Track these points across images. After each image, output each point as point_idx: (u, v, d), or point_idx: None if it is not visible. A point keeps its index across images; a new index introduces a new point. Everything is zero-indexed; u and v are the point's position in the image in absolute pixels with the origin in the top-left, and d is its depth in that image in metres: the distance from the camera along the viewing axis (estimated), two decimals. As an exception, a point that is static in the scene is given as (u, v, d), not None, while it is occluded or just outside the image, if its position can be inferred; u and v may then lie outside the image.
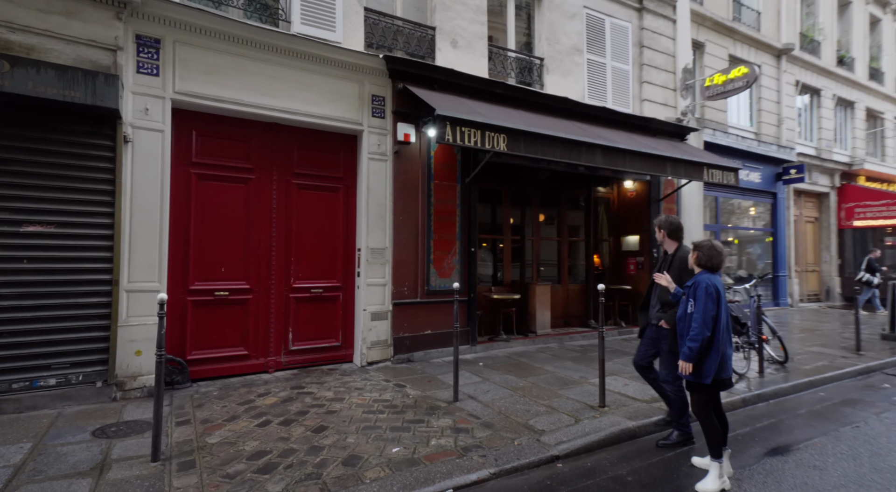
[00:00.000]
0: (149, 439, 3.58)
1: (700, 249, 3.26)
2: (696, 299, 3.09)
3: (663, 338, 3.75)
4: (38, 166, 4.26)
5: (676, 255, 3.83)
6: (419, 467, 3.18)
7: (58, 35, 4.31)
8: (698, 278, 3.18)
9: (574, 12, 8.18)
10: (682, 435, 3.68)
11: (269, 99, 5.48)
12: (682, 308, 3.24)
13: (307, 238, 5.93)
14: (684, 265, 3.67)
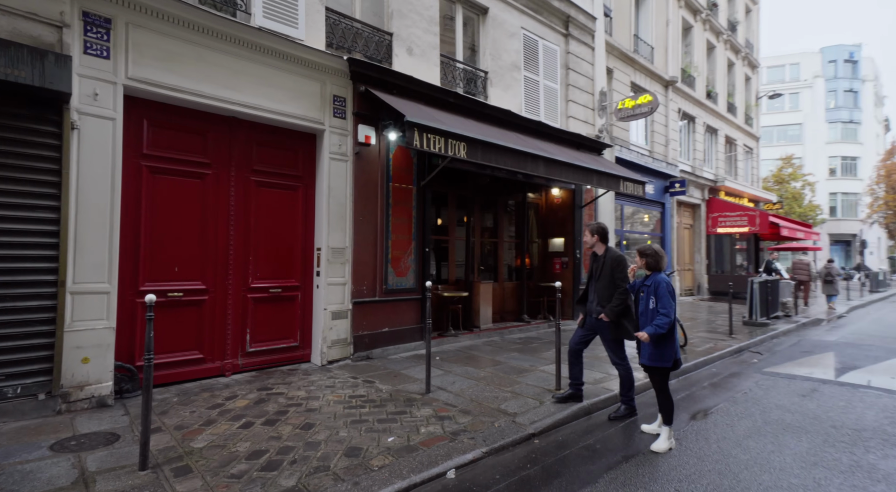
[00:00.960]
0: (122, 450, 3.43)
1: (647, 256, 3.83)
2: (658, 296, 3.64)
3: (604, 328, 4.34)
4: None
5: (607, 256, 4.41)
6: (419, 453, 3.47)
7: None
8: (657, 279, 3.74)
9: (513, 32, 8.88)
10: (627, 409, 4.37)
11: (231, 92, 5.28)
12: (643, 304, 3.76)
13: (266, 237, 5.80)
14: (616, 264, 4.30)
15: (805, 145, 45.79)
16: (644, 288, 3.78)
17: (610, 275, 4.28)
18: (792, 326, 9.84)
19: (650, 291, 3.70)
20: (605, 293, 4.29)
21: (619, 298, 4.19)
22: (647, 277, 3.80)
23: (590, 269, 4.59)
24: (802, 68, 47.55)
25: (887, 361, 6.48)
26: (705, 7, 17.29)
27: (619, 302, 4.19)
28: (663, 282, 3.69)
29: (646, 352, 3.72)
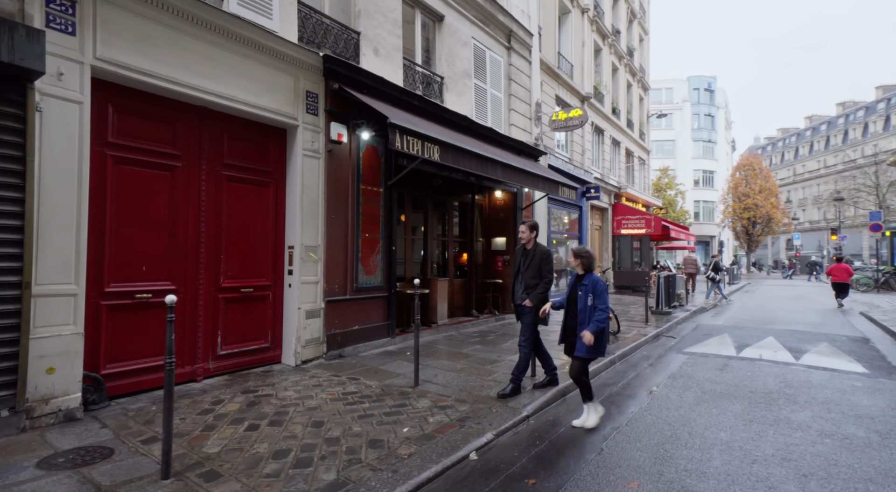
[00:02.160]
0: (125, 462, 3.26)
1: (583, 257, 4.14)
2: (596, 294, 3.97)
3: (526, 313, 4.81)
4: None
5: (537, 250, 4.87)
6: (437, 439, 3.74)
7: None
8: (593, 278, 4.06)
9: (465, 41, 9.32)
10: (514, 388, 4.70)
11: (205, 81, 4.99)
12: (581, 302, 4.05)
13: (237, 234, 5.55)
14: (544, 258, 4.81)
15: (677, 159, 52.72)
16: (581, 287, 4.07)
17: (538, 266, 4.79)
18: (687, 313, 11.62)
19: (587, 290, 4.00)
20: (532, 282, 4.79)
21: (544, 287, 4.74)
22: (584, 277, 4.11)
23: (517, 262, 5.02)
24: (675, 93, 54.67)
25: (765, 339, 8.10)
26: (611, 33, 19.37)
27: (543, 290, 4.72)
28: (600, 281, 4.04)
29: (583, 345, 3.96)
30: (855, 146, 52.81)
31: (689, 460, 3.33)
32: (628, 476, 3.11)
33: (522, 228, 4.99)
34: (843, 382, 5.36)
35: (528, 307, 4.75)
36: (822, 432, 3.81)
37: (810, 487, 2.91)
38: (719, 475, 3.08)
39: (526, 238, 4.96)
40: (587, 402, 4.12)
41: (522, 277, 4.87)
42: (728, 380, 5.48)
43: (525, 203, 10.79)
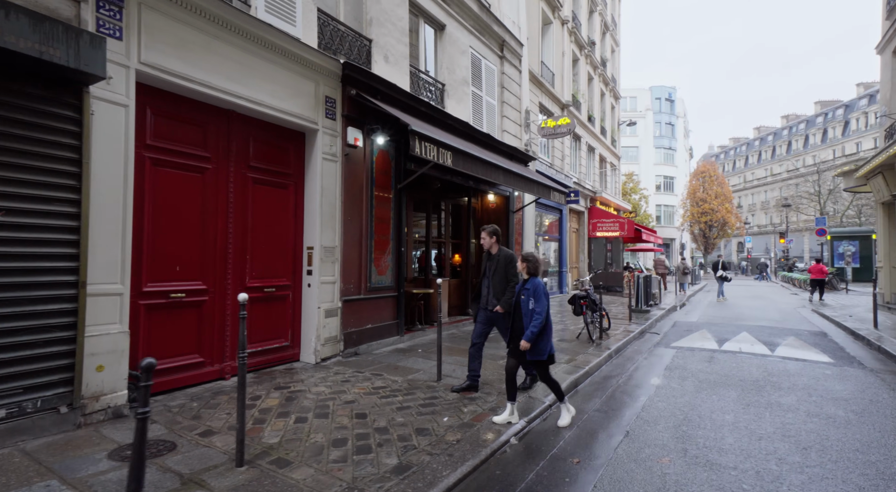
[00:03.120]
0: (193, 453, 3.43)
1: (529, 261, 4.20)
2: (536, 298, 3.99)
3: (498, 320, 4.84)
4: (-21, 133, 3.20)
5: (500, 254, 4.89)
6: (477, 427, 4.06)
7: (9, -36, 3.31)
8: (535, 282, 4.09)
9: (464, 50, 9.67)
10: (472, 386, 4.89)
11: (235, 85, 5.11)
12: (524, 306, 4.06)
13: (261, 235, 5.67)
14: (508, 261, 4.80)
15: (640, 165, 54.99)
16: (524, 291, 4.10)
17: (504, 271, 4.78)
18: (662, 311, 12.40)
19: (530, 294, 4.05)
20: (500, 287, 4.78)
21: (512, 291, 4.68)
22: (527, 281, 4.14)
23: (483, 267, 5.04)
24: (639, 102, 57.03)
25: (740, 334, 8.87)
26: (587, 44, 20.22)
27: (511, 295, 4.68)
28: (540, 284, 4.09)
29: (533, 350, 4.04)
30: (797, 156, 56.83)
31: (706, 438, 3.80)
32: (658, 454, 3.54)
33: (483, 235, 4.97)
34: (815, 370, 6.06)
35: (499, 314, 4.78)
36: (810, 413, 4.39)
37: (812, 457, 3.42)
38: (734, 450, 3.56)
39: (488, 244, 4.94)
40: (560, 400, 4.27)
41: (490, 282, 4.88)
42: (718, 370, 6.07)
43: (516, 206, 11.24)
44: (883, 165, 10.84)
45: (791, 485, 3.00)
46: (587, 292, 8.07)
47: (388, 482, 3.03)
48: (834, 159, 48.93)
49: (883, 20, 12.67)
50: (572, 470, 3.31)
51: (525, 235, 11.98)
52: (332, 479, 3.06)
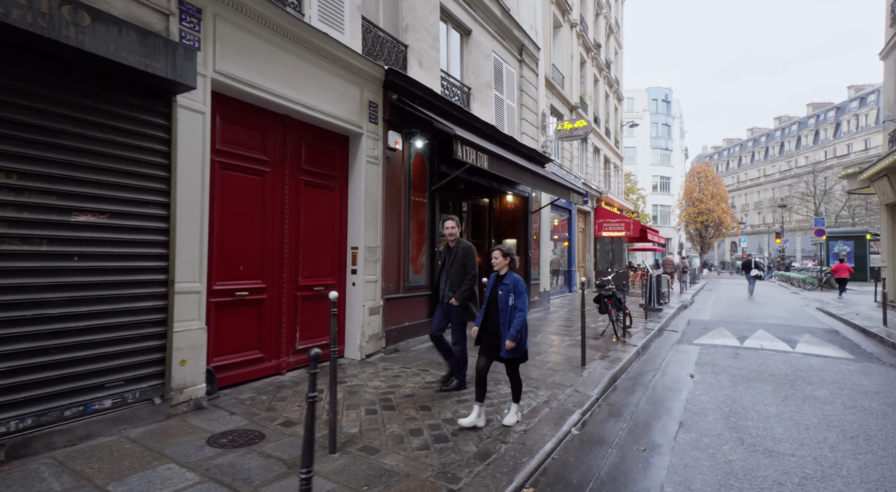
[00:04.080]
0: (283, 441, 3.61)
1: (511, 256, 4.00)
2: (517, 294, 3.83)
3: (453, 312, 4.78)
4: (89, 142, 3.39)
5: (459, 246, 4.81)
6: (538, 417, 4.28)
7: (110, -19, 3.49)
8: (515, 277, 3.92)
9: (487, 54, 9.89)
10: (459, 383, 4.90)
11: (293, 92, 5.30)
12: (503, 302, 3.88)
13: (311, 236, 5.87)
14: (467, 253, 4.75)
15: (637, 165, 55.50)
16: (502, 287, 3.92)
17: (462, 263, 4.73)
18: (673, 310, 12.73)
19: (509, 290, 3.87)
20: (457, 280, 4.72)
21: (468, 284, 4.67)
22: (505, 277, 3.96)
23: (442, 259, 4.97)
24: (636, 103, 57.53)
25: (757, 331, 9.18)
26: (593, 46, 20.52)
27: (467, 287, 4.66)
28: (521, 281, 3.92)
29: (503, 348, 3.86)
30: (790, 157, 57.72)
31: (757, 428, 4.07)
32: (716, 442, 3.79)
33: (450, 224, 4.83)
34: (838, 366, 6.37)
35: (454, 307, 4.72)
36: (846, 405, 4.68)
37: (860, 444, 3.70)
38: (787, 439, 3.83)
39: (456, 234, 4.83)
40: (515, 401, 4.08)
41: (447, 275, 4.81)
42: (746, 366, 6.36)
43: (534, 207, 11.50)
44: (888, 169, 11.22)
45: (850, 470, 3.27)
46: (612, 291, 8.34)
47: (475, 467, 3.26)
48: (826, 160, 49.82)
49: (886, 28, 13.08)
50: (641, 457, 3.55)
51: (542, 235, 12.24)
52: (422, 464, 3.28)
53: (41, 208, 3.14)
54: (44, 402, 3.12)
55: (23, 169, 3.06)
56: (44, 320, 3.14)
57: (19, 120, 3.04)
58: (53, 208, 3.19)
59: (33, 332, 3.10)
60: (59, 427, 3.18)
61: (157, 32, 3.71)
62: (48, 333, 3.16)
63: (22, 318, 3.05)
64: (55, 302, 3.19)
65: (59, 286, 3.21)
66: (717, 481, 3.13)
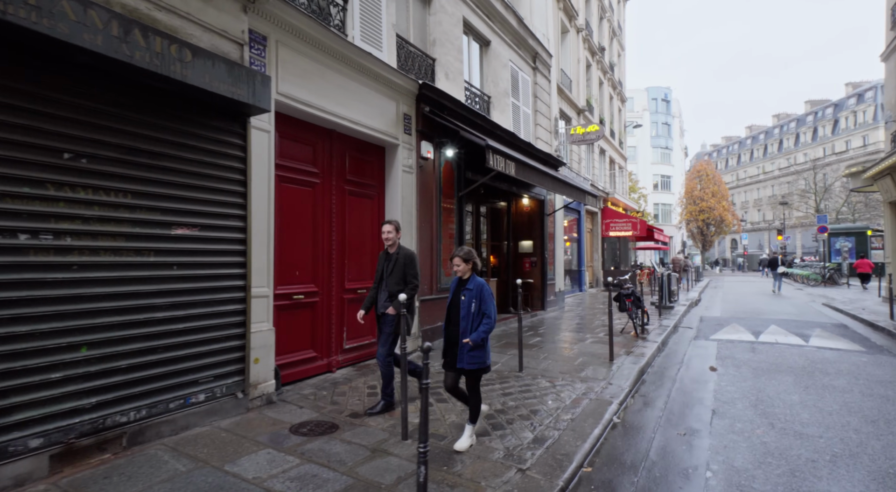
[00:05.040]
0: (358, 430, 3.96)
1: (474, 259, 3.68)
2: (482, 299, 3.52)
3: (388, 323, 4.31)
4: (183, 163, 3.77)
5: (400, 253, 4.38)
6: (581, 407, 4.64)
7: (196, 20, 3.87)
8: (478, 281, 3.60)
9: (504, 63, 10.27)
10: (387, 403, 4.34)
11: (340, 108, 5.68)
12: (465, 308, 3.55)
13: (354, 241, 6.23)
14: (408, 261, 4.35)
15: (638, 164, 55.89)
16: (465, 292, 3.60)
17: (402, 271, 4.34)
18: (684, 307, 13.10)
19: (472, 295, 3.56)
20: (396, 289, 4.31)
21: (410, 293, 4.27)
22: (468, 281, 3.65)
23: (379, 268, 4.49)
24: (636, 102, 57.97)
25: (770, 327, 9.56)
26: (598, 50, 20.92)
27: (409, 296, 4.23)
28: (485, 285, 3.65)
29: (466, 356, 3.55)
30: (789, 154, 58.17)
31: (784, 414, 4.44)
32: (749, 427, 4.16)
33: (388, 228, 4.39)
34: (851, 358, 6.75)
35: (389, 316, 4.29)
36: (864, 393, 5.05)
37: (881, 427, 4.07)
38: (813, 423, 4.20)
39: (393, 238, 4.41)
40: (472, 422, 3.65)
41: (386, 284, 4.38)
42: (764, 359, 6.74)
43: (550, 209, 11.88)
44: (891, 168, 11.62)
45: (874, 448, 3.64)
46: (631, 290, 8.72)
47: (536, 450, 3.63)
48: (825, 157, 50.25)
49: (887, 30, 13.48)
50: (683, 440, 3.93)
51: (556, 237, 12.62)
52: (488, 448, 3.65)
53: (149, 224, 3.50)
54: (154, 395, 3.49)
55: (135, 189, 3.43)
56: (153, 323, 3.51)
57: (132, 146, 3.41)
58: (158, 223, 3.55)
59: (145, 333, 3.47)
60: (165, 418, 3.55)
61: (236, 61, 4.08)
62: (156, 335, 3.53)
63: (136, 321, 3.42)
64: (161, 306, 3.56)
65: (163, 293, 3.58)
66: (755, 459, 3.50)
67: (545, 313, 11.30)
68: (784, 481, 3.15)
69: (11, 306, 2.83)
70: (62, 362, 3.03)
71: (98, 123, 3.24)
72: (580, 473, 3.41)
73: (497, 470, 3.30)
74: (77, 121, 3.13)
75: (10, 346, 2.83)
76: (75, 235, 3.11)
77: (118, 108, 3.36)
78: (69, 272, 3.07)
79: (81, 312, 3.13)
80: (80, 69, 3.12)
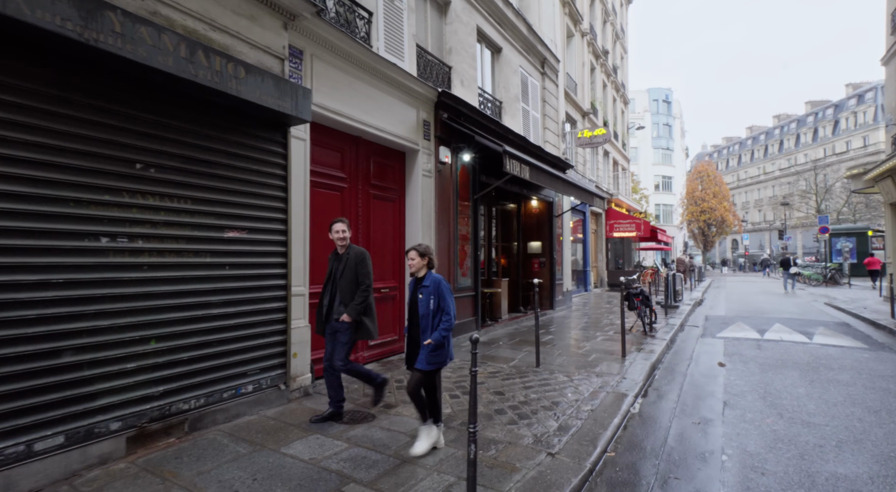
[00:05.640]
0: (391, 420, 4.23)
1: (429, 255, 3.57)
2: (440, 296, 3.41)
3: (342, 331, 4.01)
4: (234, 171, 4.07)
5: (350, 253, 4.11)
6: (599, 399, 4.92)
7: (244, 38, 4.16)
8: (435, 278, 3.49)
9: (515, 69, 10.57)
10: (334, 412, 4.10)
11: (366, 116, 5.97)
12: (423, 306, 3.45)
13: (378, 243, 6.52)
14: (360, 261, 4.07)
15: (639, 165, 56.15)
16: (422, 290, 3.51)
17: (354, 272, 4.05)
18: (689, 307, 13.38)
19: (429, 293, 3.46)
20: (349, 292, 4.04)
21: (363, 296, 4.03)
22: (423, 279, 3.56)
23: (330, 269, 4.19)
24: (637, 103, 58.28)
25: (774, 325, 9.84)
26: (602, 53, 21.22)
27: (361, 300, 4.01)
28: (443, 281, 3.54)
29: (424, 357, 3.45)
30: (789, 155, 58.41)
31: (791, 405, 4.72)
32: (759, 416, 4.45)
33: (339, 227, 4.09)
34: (854, 354, 7.03)
35: (345, 324, 4.01)
36: (866, 386, 5.33)
37: (883, 416, 4.35)
38: (819, 413, 4.48)
39: (344, 239, 4.11)
40: (438, 421, 3.59)
41: (337, 287, 4.10)
42: (770, 355, 7.02)
43: (558, 211, 12.17)
44: (892, 170, 11.90)
45: (877, 435, 3.92)
46: (640, 289, 9.00)
47: (563, 437, 3.91)
48: (825, 157, 50.48)
49: (888, 35, 13.77)
50: (698, 428, 4.21)
51: (564, 238, 12.90)
52: (518, 435, 3.93)
53: (206, 227, 3.80)
54: (210, 385, 3.78)
55: (194, 195, 3.72)
56: (208, 319, 3.80)
57: (191, 156, 3.71)
58: (213, 227, 3.84)
59: (202, 328, 3.76)
60: (220, 406, 3.84)
61: (278, 75, 4.37)
62: (211, 330, 3.83)
63: (195, 317, 3.72)
64: (215, 303, 3.85)
65: (217, 291, 3.87)
66: (767, 444, 3.79)
67: (554, 313, 11.59)
68: (794, 463, 3.43)
69: (96, 303, 3.13)
70: (136, 354, 3.32)
71: (163, 135, 3.54)
72: (604, 457, 3.69)
73: (528, 454, 3.58)
74: (146, 134, 3.42)
75: (95, 338, 3.13)
76: (145, 238, 3.40)
77: (179, 121, 3.65)
78: (140, 272, 3.37)
79: (151, 309, 3.43)
80: (150, 87, 3.42)
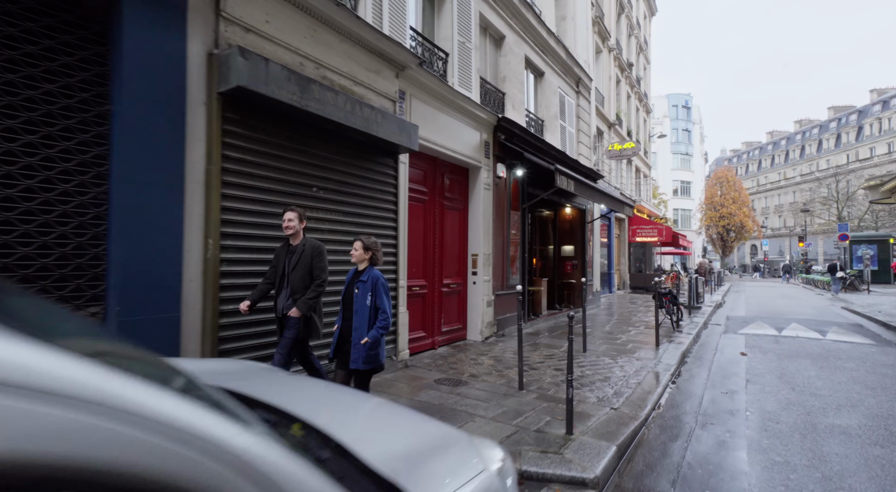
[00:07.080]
0: (480, 385, 5.37)
1: (375, 249, 3.51)
2: (376, 293, 3.35)
3: (291, 327, 3.77)
4: (365, 190, 5.31)
5: (306, 245, 3.90)
6: (643, 375, 6.02)
7: (372, 88, 5.40)
8: (374, 273, 3.42)
9: (554, 90, 11.71)
10: None
11: (444, 140, 7.18)
12: (359, 302, 3.35)
13: (448, 246, 7.73)
14: (316, 253, 3.86)
15: (658, 170, 56.51)
16: (359, 284, 3.44)
17: (308, 265, 3.85)
18: (710, 308, 14.31)
19: (366, 288, 3.40)
20: (300, 286, 3.84)
21: (316, 291, 3.85)
22: (363, 273, 3.50)
23: (279, 261, 3.94)
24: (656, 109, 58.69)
25: (791, 324, 10.78)
26: (626, 66, 22.19)
27: (314, 295, 3.83)
28: (381, 277, 3.47)
29: (361, 356, 3.37)
30: (811, 161, 58.14)
31: (803, 383, 5.76)
32: (776, 389, 5.51)
33: (290, 216, 3.87)
34: (862, 349, 7.99)
35: (293, 319, 3.76)
36: (868, 371, 6.34)
37: (878, 392, 5.38)
38: (825, 389, 5.52)
39: (294, 229, 3.88)
40: None
41: (288, 280, 3.86)
42: (786, 348, 8.02)
43: (590, 218, 13.25)
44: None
45: (869, 403, 4.96)
46: (668, 289, 10.04)
47: (619, 399, 5.03)
48: (848, 163, 50.30)
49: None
50: (726, 396, 5.30)
51: (594, 242, 13.97)
52: (584, 398, 5.05)
53: (349, 234, 5.02)
54: (353, 353, 4.99)
55: (343, 210, 4.97)
56: (352, 303, 5.02)
57: (341, 180, 4.96)
58: (354, 233, 5.06)
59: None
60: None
61: (392, 114, 5.60)
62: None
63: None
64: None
65: (357, 282, 5.09)
66: (780, 406, 4.86)
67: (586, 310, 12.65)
68: (801, 418, 4.51)
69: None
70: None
71: (326, 165, 4.78)
72: (654, 413, 4.81)
73: (595, 409, 4.71)
74: (317, 165, 4.67)
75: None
76: (318, 242, 4.64)
77: (334, 154, 4.89)
78: (315, 266, 4.60)
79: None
80: (322, 133, 4.66)
